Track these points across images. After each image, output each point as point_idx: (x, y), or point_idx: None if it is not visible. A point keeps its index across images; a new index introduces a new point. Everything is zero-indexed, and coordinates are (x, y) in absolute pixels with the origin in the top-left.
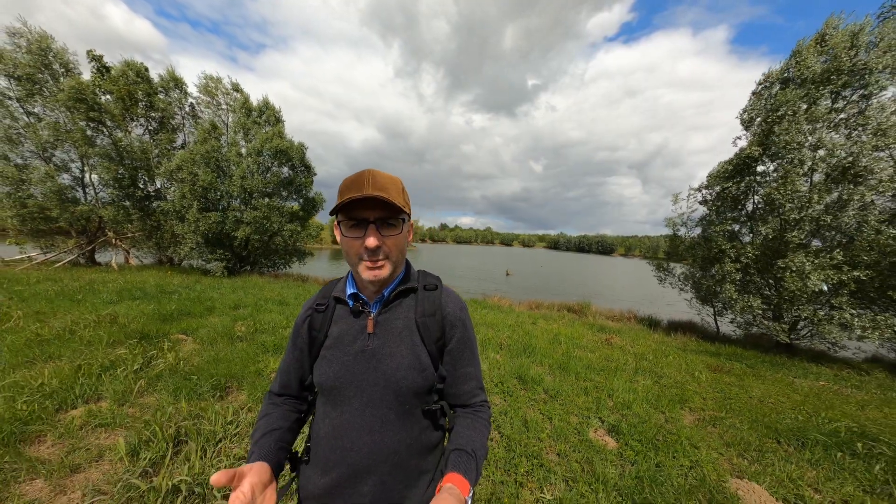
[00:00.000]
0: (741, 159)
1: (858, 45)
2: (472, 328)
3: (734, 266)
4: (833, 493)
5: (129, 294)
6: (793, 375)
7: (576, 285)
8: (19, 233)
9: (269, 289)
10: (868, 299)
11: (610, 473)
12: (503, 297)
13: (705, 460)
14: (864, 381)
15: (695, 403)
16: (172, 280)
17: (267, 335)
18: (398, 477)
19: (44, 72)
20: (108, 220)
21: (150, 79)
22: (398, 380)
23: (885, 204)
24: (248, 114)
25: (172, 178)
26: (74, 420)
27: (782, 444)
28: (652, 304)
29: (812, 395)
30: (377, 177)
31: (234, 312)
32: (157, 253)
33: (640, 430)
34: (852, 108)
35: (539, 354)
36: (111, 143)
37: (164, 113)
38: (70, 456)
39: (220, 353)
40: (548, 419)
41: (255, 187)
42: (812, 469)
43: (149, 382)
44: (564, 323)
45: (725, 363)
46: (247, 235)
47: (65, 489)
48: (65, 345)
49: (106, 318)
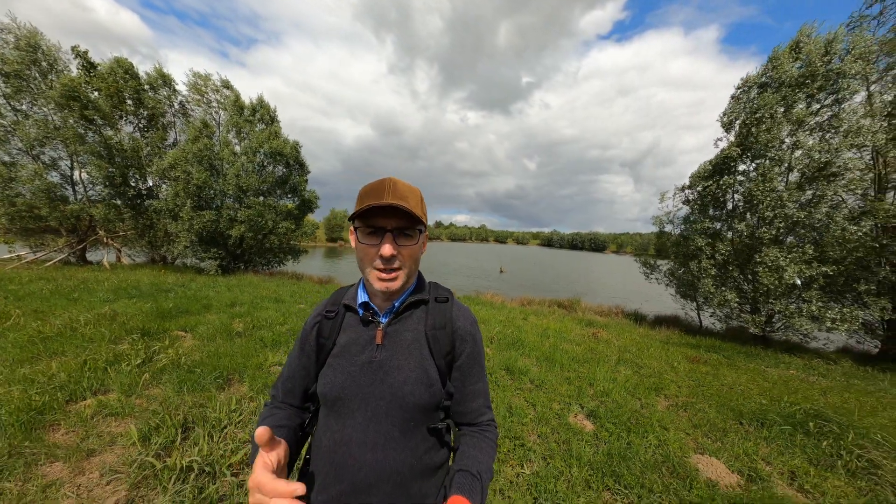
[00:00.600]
0: (721, 159)
1: (833, 53)
2: (482, 343)
3: (710, 262)
4: (783, 465)
5: (125, 292)
6: (765, 365)
7: (568, 282)
8: (7, 231)
9: (265, 287)
10: (837, 293)
11: (584, 452)
12: (496, 293)
13: (672, 440)
14: (831, 370)
15: (670, 391)
16: (167, 279)
17: (265, 331)
18: (400, 500)
19: (32, 69)
20: (99, 218)
21: (138, 76)
22: (405, 394)
23: (854, 203)
24: (239, 112)
25: (165, 177)
26: (85, 410)
27: (744, 424)
28: (643, 300)
29: (780, 382)
30: (398, 185)
31: (230, 310)
32: (149, 252)
33: (616, 415)
34: (826, 111)
35: (527, 347)
36: (101, 141)
37: (153, 111)
38: (85, 441)
39: (219, 349)
40: (532, 406)
41: (250, 186)
42: (767, 446)
43: (153, 376)
44: (554, 318)
45: (703, 354)
46: (241, 234)
47: (83, 470)
48: (67, 341)
49: (105, 316)
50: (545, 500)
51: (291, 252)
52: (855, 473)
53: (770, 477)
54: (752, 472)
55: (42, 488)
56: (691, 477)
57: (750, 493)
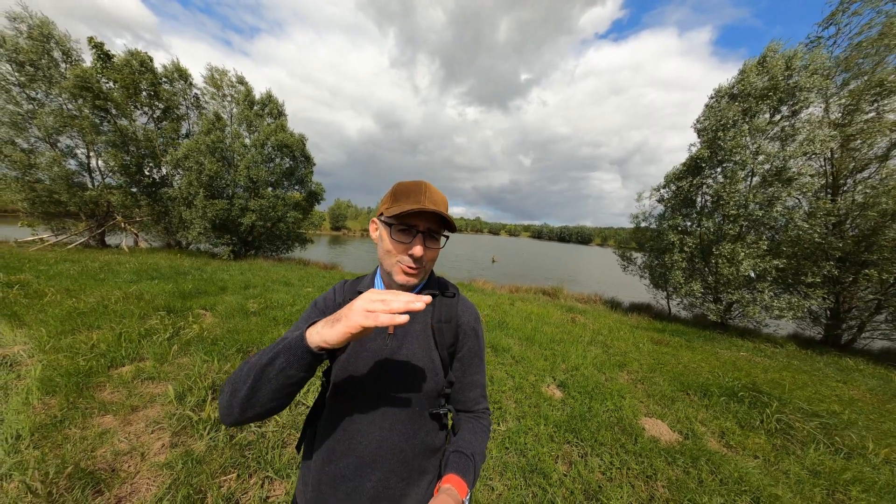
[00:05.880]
0: (693, 161)
1: (793, 68)
2: (483, 339)
3: (681, 255)
4: (716, 427)
5: (147, 274)
6: (720, 347)
7: (554, 271)
8: (29, 215)
9: (275, 271)
10: (787, 285)
11: (552, 414)
12: (487, 281)
13: (627, 406)
14: (776, 353)
15: (632, 367)
16: (183, 262)
17: (277, 311)
18: (401, 475)
19: (45, 58)
20: (116, 204)
21: (154, 69)
22: (412, 381)
23: (806, 205)
24: (250, 106)
25: (179, 166)
26: (126, 374)
27: (690, 395)
28: (621, 289)
29: (729, 362)
30: (432, 190)
31: (245, 292)
32: (165, 237)
33: (582, 386)
34: (786, 121)
35: (511, 329)
36: (116, 131)
37: (168, 103)
38: (129, 399)
39: (237, 325)
40: (511, 378)
41: (260, 177)
42: (706, 412)
43: (181, 347)
44: (538, 304)
45: (667, 337)
46: (252, 222)
47: (130, 422)
48: (101, 317)
49: (133, 295)
50: (514, 450)
51: (299, 240)
52: (773, 433)
53: (704, 436)
54: (690, 432)
55: (98, 434)
56: (638, 434)
57: (683, 446)
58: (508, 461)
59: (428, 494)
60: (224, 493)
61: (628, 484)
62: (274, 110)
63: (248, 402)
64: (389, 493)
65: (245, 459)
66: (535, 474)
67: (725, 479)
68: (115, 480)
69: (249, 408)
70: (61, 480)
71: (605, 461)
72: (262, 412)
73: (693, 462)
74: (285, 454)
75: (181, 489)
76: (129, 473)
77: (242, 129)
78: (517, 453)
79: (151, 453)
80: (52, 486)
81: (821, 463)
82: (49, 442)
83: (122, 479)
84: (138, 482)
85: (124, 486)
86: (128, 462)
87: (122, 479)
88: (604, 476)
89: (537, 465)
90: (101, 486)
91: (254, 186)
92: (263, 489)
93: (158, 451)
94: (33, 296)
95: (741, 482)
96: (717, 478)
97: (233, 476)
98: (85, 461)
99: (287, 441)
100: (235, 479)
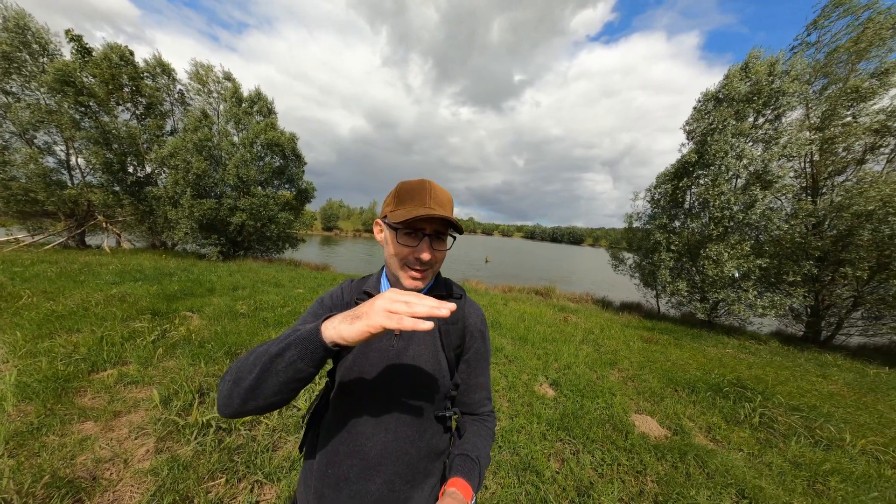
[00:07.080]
0: (682, 164)
1: (775, 74)
2: (489, 341)
3: (669, 255)
4: (703, 422)
5: (130, 276)
6: (707, 345)
7: (546, 271)
8: (4, 214)
9: (265, 272)
10: (769, 284)
11: (544, 412)
12: (480, 281)
13: (617, 403)
14: (760, 349)
15: (623, 365)
16: (168, 263)
17: (267, 312)
18: (406, 477)
19: (22, 51)
20: (97, 204)
21: (135, 63)
22: (418, 383)
23: (788, 206)
24: (238, 103)
25: (164, 165)
26: (107, 379)
27: (678, 392)
28: (612, 288)
29: (716, 359)
30: (436, 190)
31: (233, 293)
32: (150, 237)
33: (574, 384)
34: (768, 125)
35: (505, 328)
36: (97, 127)
37: (151, 99)
38: (111, 405)
39: (226, 328)
40: (504, 377)
41: (250, 176)
42: (693, 407)
43: (167, 350)
44: (531, 304)
45: (657, 336)
46: (242, 221)
47: (112, 428)
48: (81, 320)
49: (115, 297)
50: (507, 448)
51: (290, 240)
52: (757, 427)
53: (691, 431)
54: (678, 427)
55: (78, 441)
56: (628, 430)
57: (672, 441)
58: (501, 459)
59: (432, 498)
60: (212, 498)
61: (619, 479)
62: (263, 108)
63: (252, 392)
64: (394, 496)
65: (234, 463)
66: (528, 472)
67: (712, 473)
68: (97, 488)
69: (252, 399)
70: (38, 490)
71: (596, 458)
72: (265, 405)
73: (681, 457)
74: (276, 457)
75: (167, 496)
76: (112, 481)
77: (230, 126)
78: (510, 451)
79: (135, 460)
80: (29, 496)
81: (802, 455)
82: (25, 450)
83: (103, 487)
84: (121, 490)
85: (106, 494)
86: (110, 469)
87: (104, 487)
88: (595, 472)
89: (530, 463)
90: (82, 495)
91: (243, 185)
92: (253, 493)
93: (143, 458)
94: (7, 298)
95: (727, 475)
96: (705, 471)
97: (221, 481)
98: (64, 469)
99: (277, 444)
100: (224, 483)
